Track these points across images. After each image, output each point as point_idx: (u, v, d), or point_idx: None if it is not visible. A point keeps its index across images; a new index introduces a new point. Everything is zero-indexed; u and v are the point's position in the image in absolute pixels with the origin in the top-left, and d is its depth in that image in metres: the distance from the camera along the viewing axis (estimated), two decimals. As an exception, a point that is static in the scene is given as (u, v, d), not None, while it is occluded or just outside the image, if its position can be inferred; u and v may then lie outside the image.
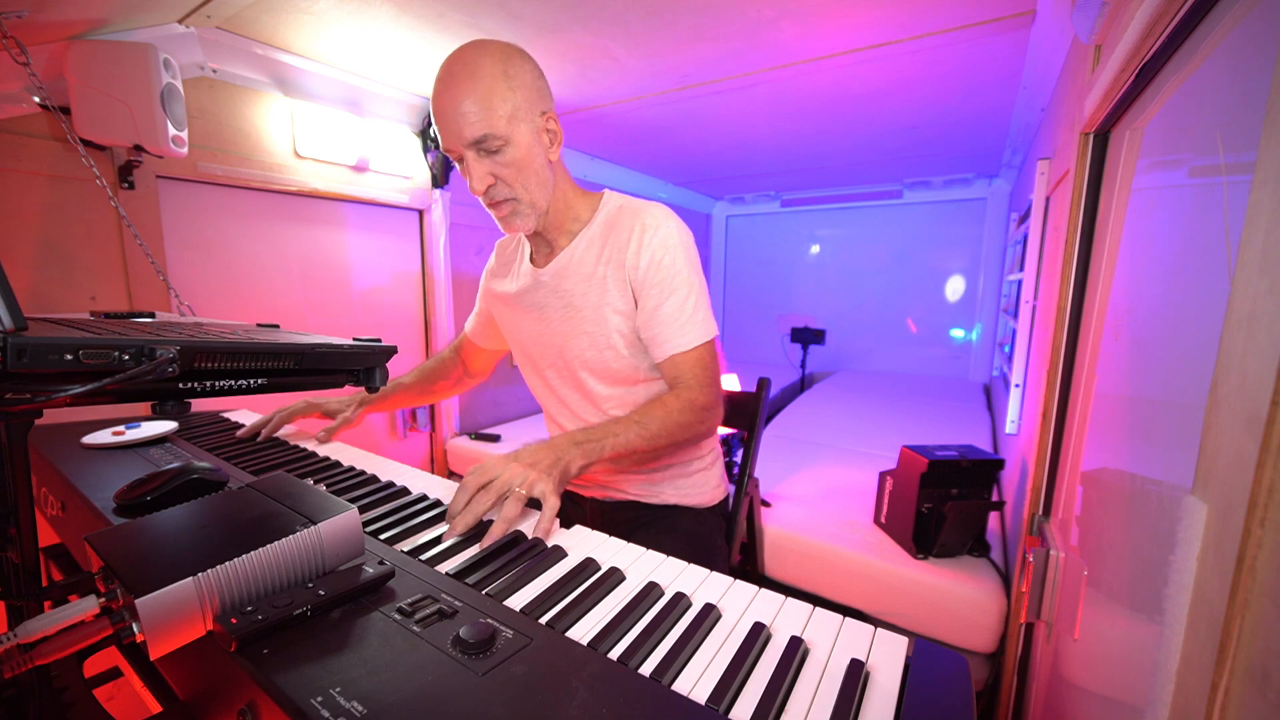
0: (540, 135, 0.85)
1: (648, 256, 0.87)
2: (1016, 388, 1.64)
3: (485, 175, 0.82)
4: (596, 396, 0.98)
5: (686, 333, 0.88)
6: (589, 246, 0.92)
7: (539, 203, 0.87)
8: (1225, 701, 0.34)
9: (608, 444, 0.78)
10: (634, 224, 0.89)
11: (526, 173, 0.84)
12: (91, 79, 1.28)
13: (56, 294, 1.38)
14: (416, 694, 0.38)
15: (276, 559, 0.47)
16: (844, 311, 4.38)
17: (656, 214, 0.90)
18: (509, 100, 0.79)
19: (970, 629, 1.31)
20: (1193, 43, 0.59)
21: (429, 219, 2.35)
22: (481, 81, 0.78)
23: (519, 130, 0.81)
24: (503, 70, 0.79)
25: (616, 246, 0.90)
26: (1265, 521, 0.32)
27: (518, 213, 0.87)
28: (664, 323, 0.88)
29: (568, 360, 0.97)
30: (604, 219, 0.93)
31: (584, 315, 0.93)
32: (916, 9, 1.43)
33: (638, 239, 0.88)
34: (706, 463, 1.05)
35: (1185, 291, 0.55)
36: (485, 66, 0.78)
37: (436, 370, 1.22)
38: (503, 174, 0.83)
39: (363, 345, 0.61)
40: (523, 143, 0.82)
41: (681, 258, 0.88)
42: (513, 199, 0.85)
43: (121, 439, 0.91)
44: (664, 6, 1.40)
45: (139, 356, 0.43)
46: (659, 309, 0.88)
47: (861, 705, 0.40)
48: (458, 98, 0.78)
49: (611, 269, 0.90)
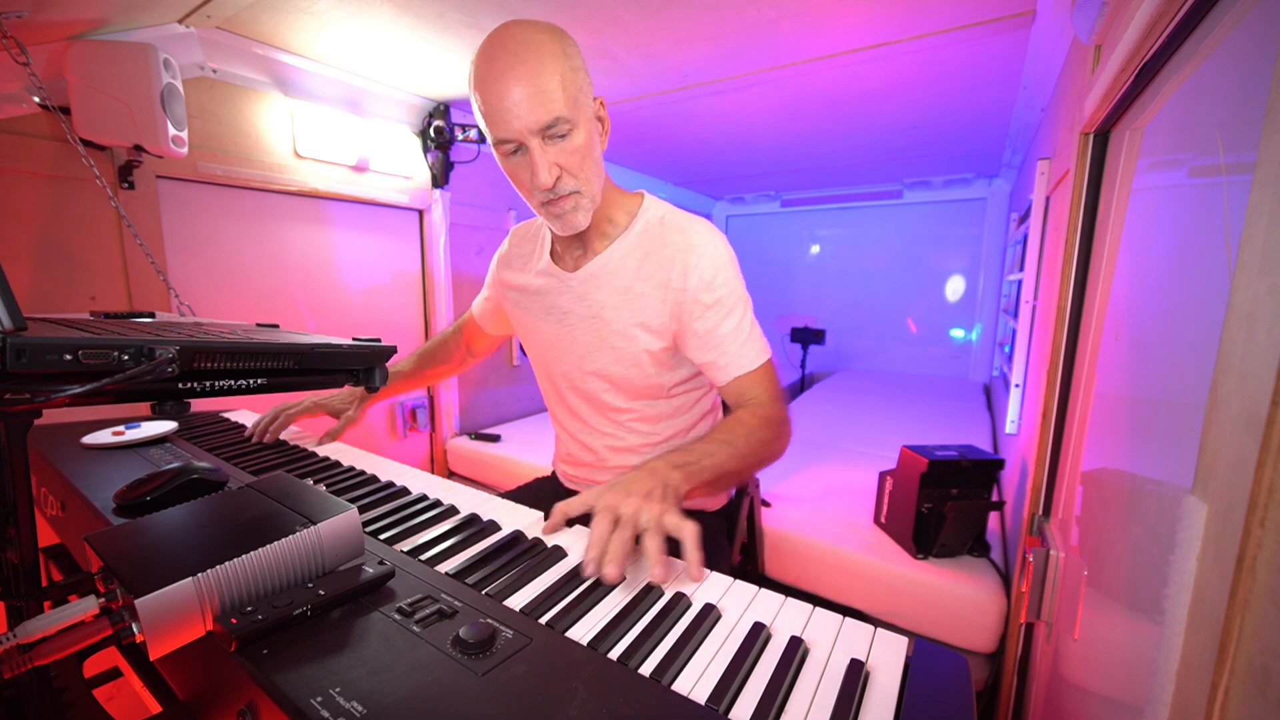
0: (595, 123, 0.79)
1: (697, 277, 0.82)
2: (1016, 388, 1.64)
3: (552, 165, 0.73)
4: (610, 409, 0.95)
5: (748, 353, 0.85)
6: (625, 257, 0.86)
7: (597, 195, 0.81)
8: (1225, 701, 0.34)
9: (705, 465, 0.71)
10: (680, 242, 0.84)
11: (589, 162, 0.77)
12: (91, 79, 1.28)
13: (56, 294, 1.38)
14: (416, 694, 0.38)
15: (276, 559, 0.47)
16: (844, 311, 4.38)
17: (703, 232, 0.85)
18: (574, 81, 0.72)
19: (970, 629, 1.31)
20: (1193, 43, 0.59)
21: (429, 219, 2.35)
22: (547, 61, 0.70)
23: (582, 115, 0.74)
24: (563, 49, 0.72)
25: (659, 264, 0.84)
26: (1265, 521, 0.32)
27: (579, 207, 0.79)
28: (723, 344, 0.84)
29: (586, 371, 0.93)
30: (642, 228, 0.87)
31: (612, 329, 0.88)
32: (916, 9, 1.43)
33: (684, 259, 0.83)
34: None
35: (1185, 291, 0.55)
36: (547, 45, 0.71)
37: (437, 352, 1.19)
38: (568, 163, 0.75)
39: (362, 345, 0.61)
40: (585, 129, 0.75)
41: (732, 275, 0.84)
42: (577, 191, 0.77)
43: (121, 439, 0.91)
44: (664, 6, 1.40)
45: (138, 356, 0.43)
46: (716, 330, 0.83)
47: (861, 705, 0.40)
48: (523, 77, 0.69)
49: (652, 286, 0.84)
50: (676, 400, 0.95)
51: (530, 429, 2.67)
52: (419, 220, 2.37)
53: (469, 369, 1.26)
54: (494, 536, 0.64)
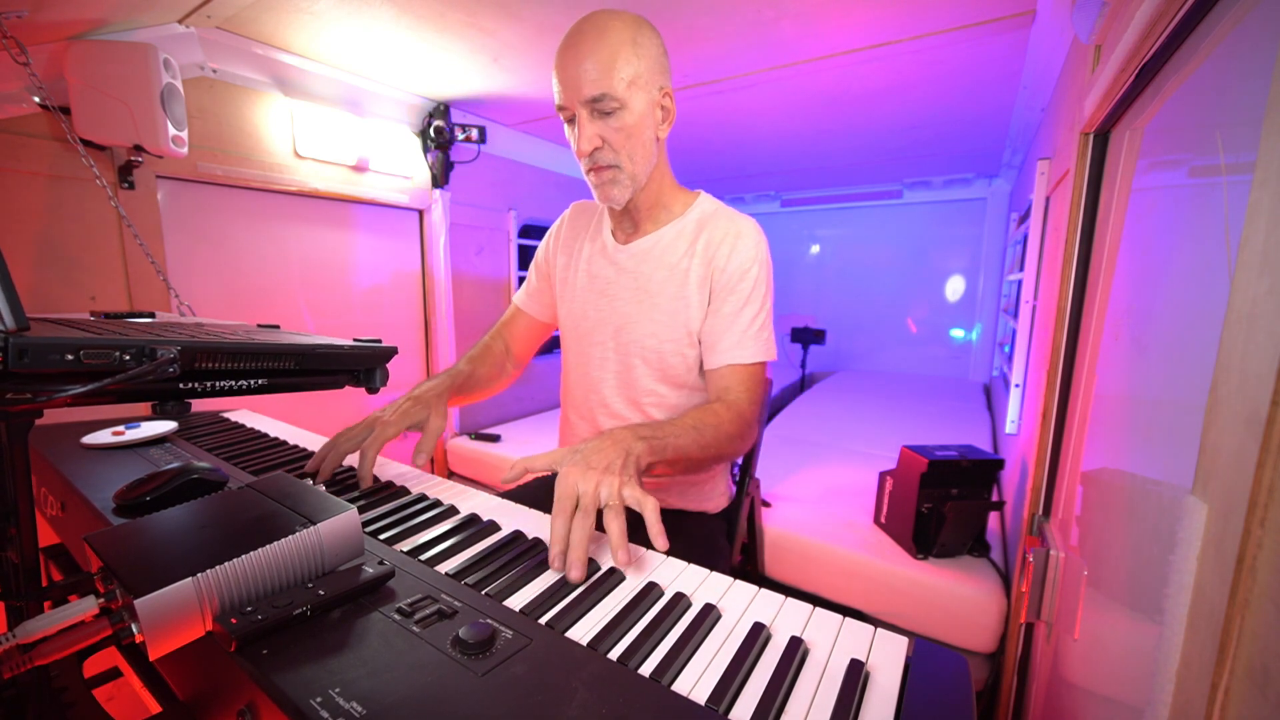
0: (654, 109, 0.85)
1: (737, 262, 0.88)
2: (1016, 388, 1.64)
3: (594, 136, 0.81)
4: (638, 388, 0.95)
5: (749, 346, 0.88)
6: (678, 237, 0.92)
7: (640, 175, 0.87)
8: (1225, 701, 0.34)
9: (669, 444, 0.72)
10: (730, 228, 0.90)
11: (635, 142, 0.83)
12: (91, 79, 1.28)
13: (56, 294, 1.38)
14: (416, 694, 0.38)
15: (276, 559, 0.47)
16: (844, 311, 4.38)
17: (753, 226, 0.91)
18: (632, 65, 0.79)
19: (970, 629, 1.31)
20: (1193, 43, 0.59)
21: (429, 219, 2.35)
22: (608, 43, 0.78)
23: (636, 97, 0.81)
24: (631, 37, 0.80)
25: (709, 244, 0.89)
26: (1265, 521, 0.32)
27: (617, 181, 0.86)
28: (731, 331, 0.88)
29: (623, 342, 0.94)
30: (698, 216, 0.93)
31: (656, 303, 0.91)
32: (917, 9, 1.43)
33: (732, 243, 0.88)
34: (715, 472, 1.04)
35: (1185, 291, 0.55)
36: (615, 31, 0.79)
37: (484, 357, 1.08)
38: (612, 138, 0.82)
39: (363, 346, 0.61)
40: (637, 110, 0.82)
41: (765, 274, 0.90)
42: (615, 166, 0.84)
43: (121, 439, 0.91)
44: (664, 6, 1.40)
45: (139, 357, 0.43)
46: (733, 316, 0.88)
47: (861, 705, 0.40)
48: (583, 54, 0.78)
49: (698, 263, 0.89)
50: (695, 396, 0.96)
51: (530, 429, 2.67)
52: (419, 220, 2.37)
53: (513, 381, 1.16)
54: (494, 536, 0.64)
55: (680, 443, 0.74)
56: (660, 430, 0.73)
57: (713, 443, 0.78)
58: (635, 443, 0.68)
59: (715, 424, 0.80)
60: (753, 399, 0.87)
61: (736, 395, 0.86)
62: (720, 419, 0.81)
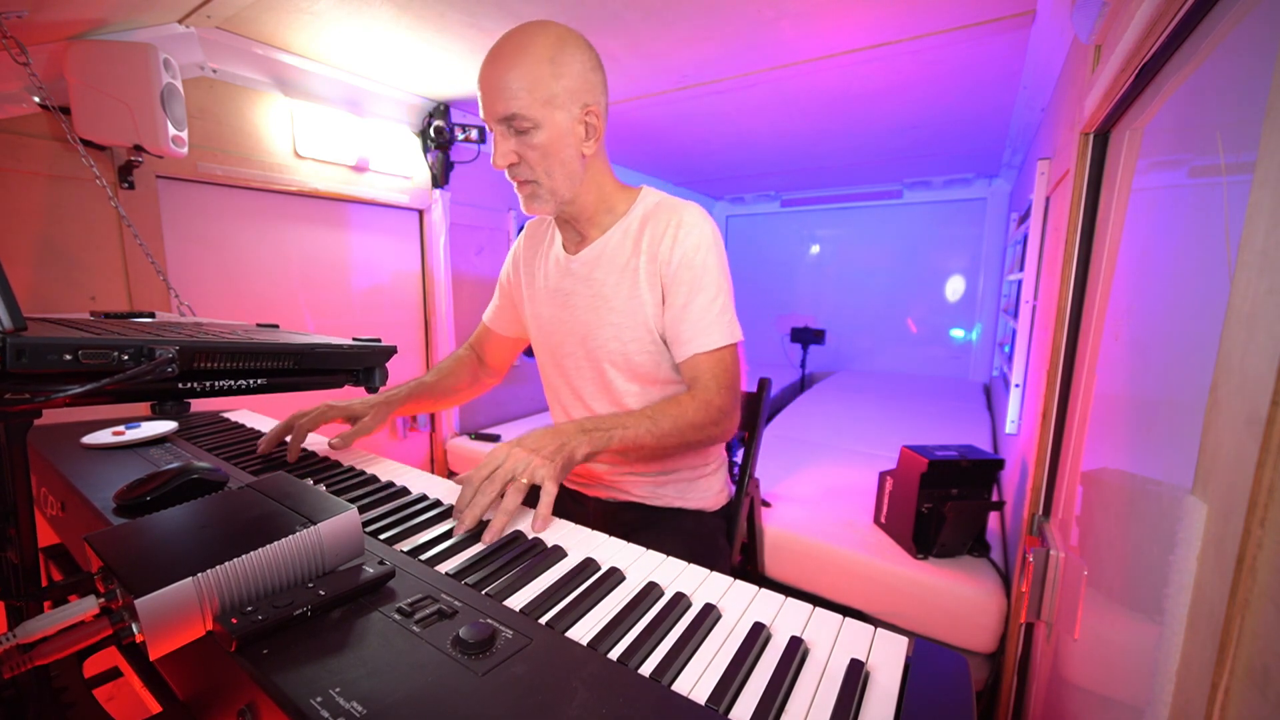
0: (575, 126, 0.84)
1: (680, 253, 0.87)
2: (1016, 388, 1.64)
3: (509, 153, 0.83)
4: (616, 391, 0.96)
5: (710, 333, 0.87)
6: (624, 238, 0.92)
7: (560, 191, 0.87)
8: (1225, 701, 0.34)
9: (615, 435, 0.77)
10: (671, 219, 0.89)
11: (551, 160, 0.84)
12: (91, 79, 1.28)
13: (56, 294, 1.38)
14: (416, 694, 0.38)
15: (276, 559, 0.47)
16: (844, 311, 4.37)
17: (693, 212, 0.90)
18: (548, 86, 0.79)
19: (970, 629, 1.31)
20: (1193, 43, 0.59)
21: (429, 219, 2.35)
22: (525, 62, 0.78)
23: (553, 117, 0.81)
24: (551, 56, 0.79)
25: (652, 239, 0.89)
26: (1265, 521, 0.32)
27: (537, 195, 0.88)
28: (689, 321, 0.88)
29: (590, 350, 0.96)
30: (641, 213, 0.93)
31: (612, 306, 0.92)
32: (916, 9, 1.43)
33: (673, 234, 0.88)
34: (711, 468, 1.05)
35: (1185, 291, 0.55)
36: (535, 49, 0.79)
37: (454, 370, 1.17)
38: (527, 155, 0.83)
39: (362, 345, 0.61)
40: (554, 130, 0.82)
41: (714, 259, 0.88)
42: (533, 181, 0.86)
43: (121, 439, 0.91)
44: (664, 6, 1.40)
45: (138, 357, 0.43)
46: (687, 307, 0.87)
47: (861, 705, 0.40)
48: (499, 70, 0.79)
49: (644, 260, 0.89)
50: (675, 388, 0.96)
51: (530, 429, 2.67)
52: (419, 220, 2.37)
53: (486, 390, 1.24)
54: (494, 536, 0.64)
55: (630, 433, 0.78)
56: (607, 422, 0.78)
57: (673, 431, 0.81)
58: (577, 435, 0.74)
59: (676, 413, 0.82)
60: (721, 385, 0.87)
61: (705, 383, 0.87)
62: (683, 408, 0.83)
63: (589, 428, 0.76)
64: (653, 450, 0.81)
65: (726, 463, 1.11)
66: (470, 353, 1.20)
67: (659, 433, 0.80)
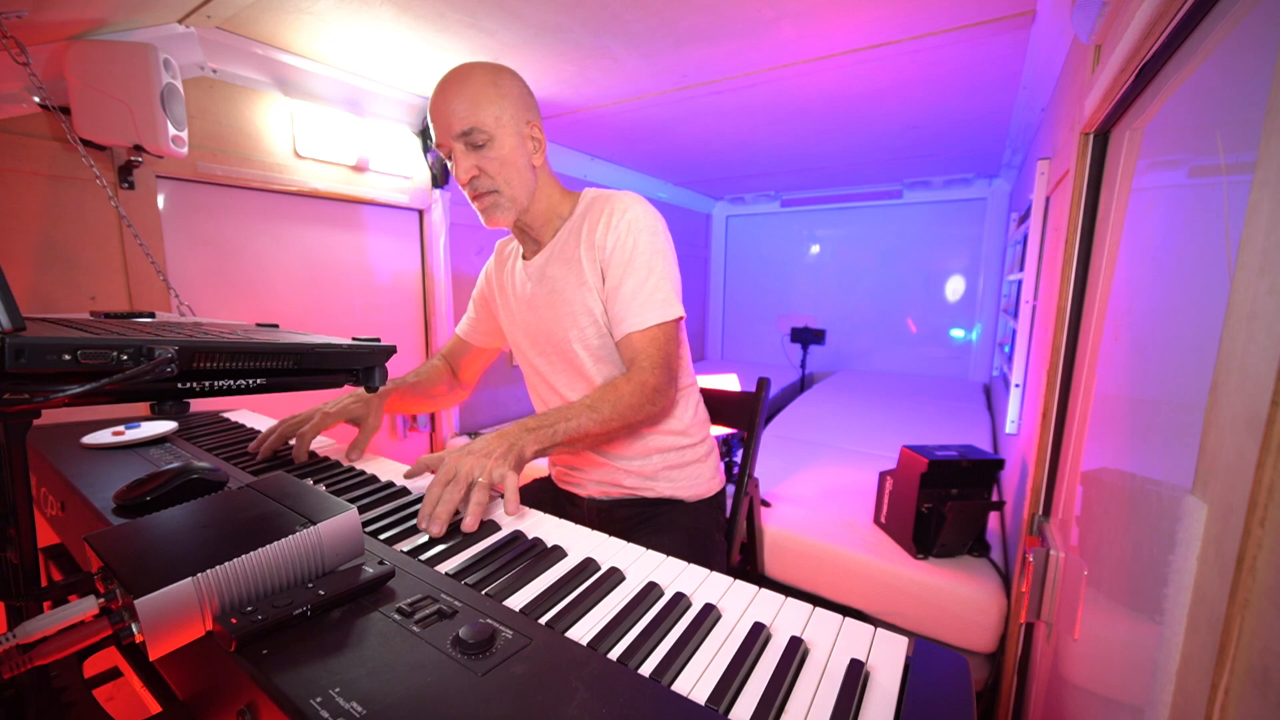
0: (525, 141, 0.93)
1: (614, 237, 0.92)
2: (1016, 388, 1.64)
3: (471, 167, 0.90)
4: (587, 376, 1.00)
5: (643, 312, 0.91)
6: (569, 235, 0.98)
7: (519, 198, 0.94)
8: (1225, 701, 0.34)
9: (559, 428, 0.81)
10: (604, 207, 0.95)
11: (509, 169, 0.92)
12: (91, 79, 1.28)
13: (56, 294, 1.38)
14: (416, 694, 0.38)
15: (276, 559, 0.47)
16: (844, 311, 4.37)
17: (625, 198, 0.96)
18: (496, 104, 0.88)
19: (970, 629, 1.31)
20: (1193, 43, 0.59)
21: (429, 219, 2.35)
22: (472, 86, 0.88)
23: (504, 132, 0.90)
24: (492, 80, 0.89)
25: (589, 229, 0.95)
26: (1265, 521, 0.32)
27: (498, 205, 0.94)
28: (622, 302, 0.92)
29: (555, 343, 1.01)
30: (582, 209, 0.99)
31: (565, 297, 0.97)
32: (916, 9, 1.43)
33: (605, 220, 0.94)
34: (700, 454, 1.07)
35: (1185, 291, 0.55)
36: (476, 76, 0.88)
37: (432, 376, 1.22)
38: (487, 167, 0.90)
39: (362, 345, 0.61)
40: (507, 143, 0.90)
41: (644, 240, 0.92)
42: (494, 191, 0.93)
43: (121, 439, 0.91)
44: (664, 6, 1.40)
45: (138, 357, 0.43)
46: (619, 288, 0.92)
47: (861, 705, 0.40)
48: (450, 97, 0.87)
49: (584, 249, 0.95)
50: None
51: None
52: (419, 220, 2.37)
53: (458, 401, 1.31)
54: (493, 536, 0.64)
55: (574, 424, 0.82)
56: (550, 418, 0.82)
57: (614, 416, 0.85)
58: (522, 435, 0.78)
59: (613, 399, 0.86)
60: (655, 363, 0.90)
61: (640, 364, 0.90)
62: (619, 392, 0.87)
63: (533, 426, 0.80)
64: (599, 436, 0.86)
65: (716, 450, 1.13)
66: (444, 364, 1.25)
67: (600, 419, 0.84)
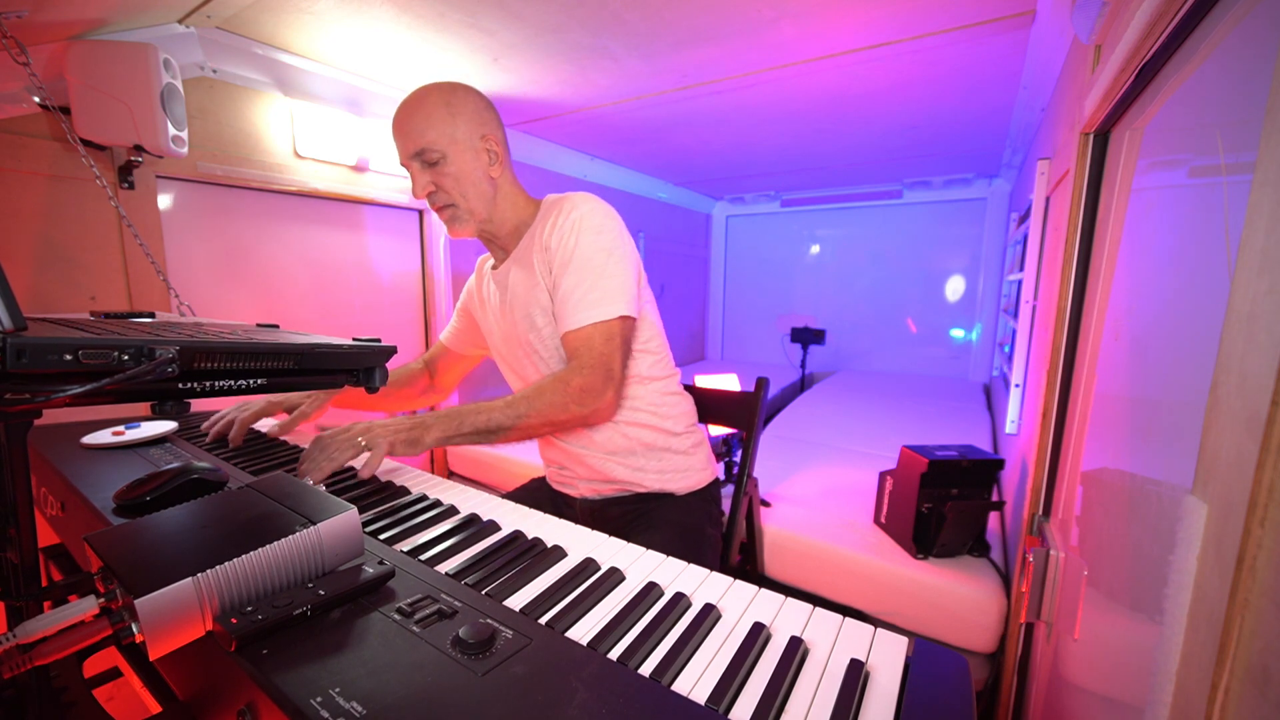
0: (479, 154, 0.95)
1: (558, 238, 0.93)
2: (1016, 388, 1.64)
3: (426, 183, 0.94)
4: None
5: (577, 311, 0.91)
6: (529, 241, 1.00)
7: (477, 211, 0.98)
8: (1225, 701, 0.34)
9: (468, 419, 0.85)
10: (555, 209, 0.96)
11: (464, 183, 0.95)
12: (91, 79, 1.28)
13: (56, 294, 1.38)
14: (416, 694, 0.38)
15: (276, 559, 0.47)
16: (844, 311, 4.37)
17: (574, 198, 0.96)
18: (448, 124, 0.92)
19: (970, 629, 1.31)
20: (1193, 43, 0.59)
21: (429, 219, 2.35)
22: (424, 108, 0.91)
23: (457, 149, 0.93)
24: (445, 100, 0.92)
25: (542, 232, 0.97)
26: (1265, 521, 0.32)
27: (457, 218, 0.98)
28: (559, 301, 0.93)
29: (521, 344, 1.03)
30: (540, 215, 1.00)
31: (522, 299, 1.00)
32: (916, 9, 1.43)
33: (553, 221, 0.95)
34: (686, 446, 1.07)
35: (1185, 291, 0.55)
36: (430, 98, 0.92)
37: (401, 379, 1.26)
38: (442, 182, 0.94)
39: (362, 345, 0.61)
40: (461, 159, 0.93)
41: (587, 239, 0.92)
42: (451, 205, 0.96)
43: (121, 439, 0.91)
44: (664, 6, 1.40)
45: (138, 357, 0.43)
46: (557, 287, 0.94)
47: (861, 705, 0.40)
48: (404, 119, 0.92)
49: (537, 252, 0.97)
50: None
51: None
52: (419, 220, 2.37)
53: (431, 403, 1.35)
54: (494, 536, 0.64)
55: (483, 417, 0.86)
56: (466, 409, 0.86)
57: (530, 413, 0.87)
58: (432, 421, 0.84)
59: (532, 395, 0.89)
60: (585, 364, 0.90)
61: (571, 363, 0.92)
62: (540, 390, 0.89)
63: (443, 415, 0.85)
64: (515, 431, 0.88)
65: (706, 443, 1.14)
66: (424, 368, 1.28)
67: (514, 414, 0.87)
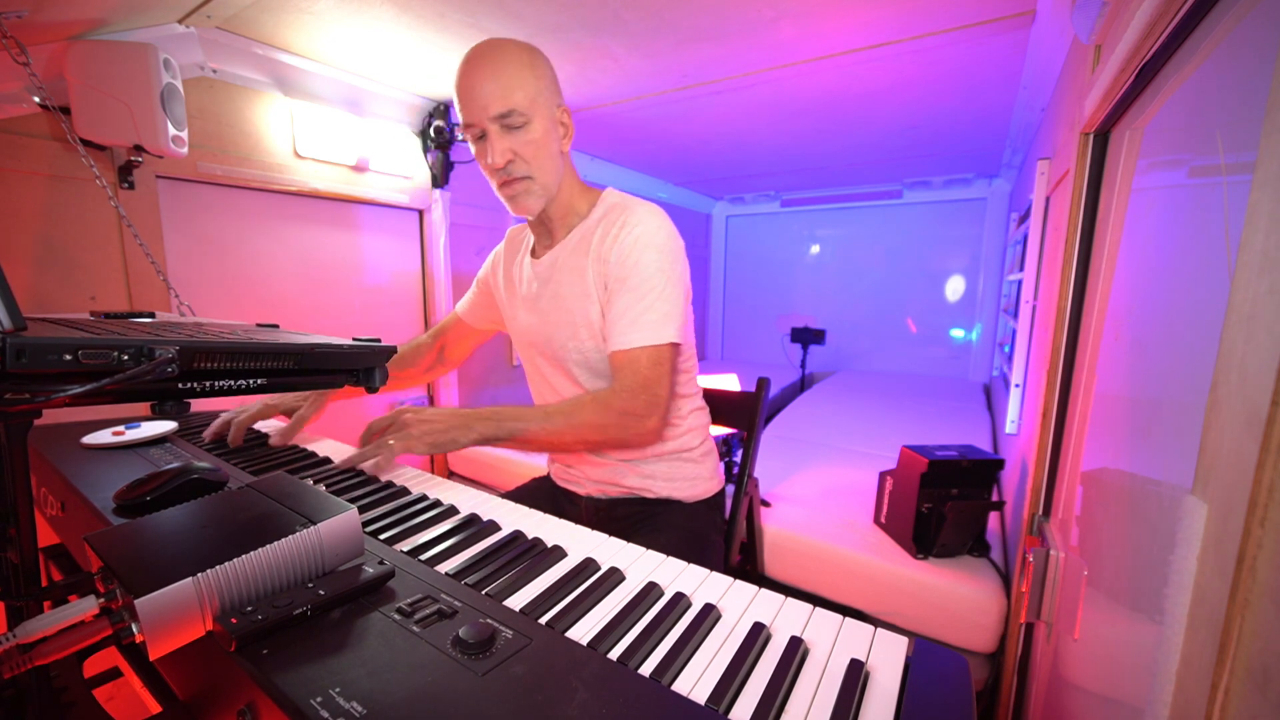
0: (556, 125, 0.90)
1: (619, 251, 0.89)
2: (1016, 388, 1.64)
3: (506, 150, 0.85)
4: (585, 386, 0.98)
5: (629, 332, 0.87)
6: (582, 239, 0.94)
7: (550, 185, 0.91)
8: (1225, 701, 0.34)
9: (507, 426, 0.84)
10: (619, 219, 0.91)
11: (543, 154, 0.88)
12: (91, 79, 1.28)
13: (56, 294, 1.38)
14: (416, 694, 0.38)
15: (276, 559, 0.47)
16: (844, 311, 4.37)
17: (641, 212, 0.91)
18: (532, 85, 0.85)
19: (970, 629, 1.31)
20: (1193, 43, 0.59)
21: (429, 219, 2.35)
22: (509, 65, 0.83)
23: (540, 115, 0.86)
24: (528, 60, 0.85)
25: (601, 240, 0.91)
26: (1265, 521, 0.32)
27: (530, 191, 0.90)
28: (612, 318, 0.89)
29: (554, 350, 0.98)
30: (600, 214, 0.95)
31: (568, 305, 0.95)
32: (916, 9, 1.43)
33: (616, 233, 0.90)
34: (695, 456, 1.06)
35: (1185, 291, 0.55)
36: (512, 54, 0.84)
37: (406, 357, 1.21)
38: (523, 151, 0.86)
39: (362, 345, 0.61)
40: (541, 126, 0.87)
41: (650, 257, 0.88)
42: (528, 177, 0.89)
43: (121, 439, 0.91)
44: (664, 6, 1.40)
45: (138, 357, 0.43)
46: (612, 304, 0.89)
47: (861, 705, 0.40)
48: (485, 76, 0.83)
49: (592, 260, 0.92)
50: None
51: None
52: (419, 220, 2.36)
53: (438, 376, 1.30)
54: (494, 536, 0.64)
55: (521, 425, 0.85)
56: (506, 414, 0.85)
57: (566, 429, 0.86)
58: (473, 421, 0.83)
59: (571, 411, 0.87)
60: (629, 386, 0.86)
61: (614, 384, 0.88)
62: (580, 406, 0.87)
63: (487, 416, 0.83)
64: (547, 444, 0.87)
65: (715, 452, 1.12)
66: (432, 341, 1.23)
67: (551, 429, 0.85)
